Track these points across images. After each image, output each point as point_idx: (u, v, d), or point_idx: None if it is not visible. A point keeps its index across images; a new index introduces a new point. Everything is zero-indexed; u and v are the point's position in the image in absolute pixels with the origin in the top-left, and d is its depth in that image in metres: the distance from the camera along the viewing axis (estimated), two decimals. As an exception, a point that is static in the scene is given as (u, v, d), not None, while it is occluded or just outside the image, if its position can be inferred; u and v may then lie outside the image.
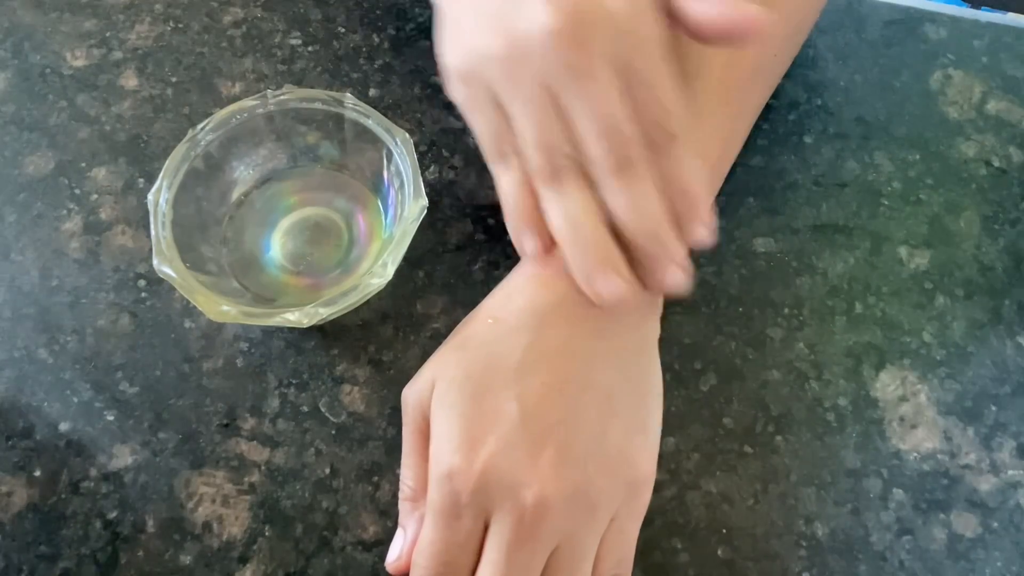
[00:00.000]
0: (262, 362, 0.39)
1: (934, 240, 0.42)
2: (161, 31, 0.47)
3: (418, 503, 0.34)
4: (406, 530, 0.34)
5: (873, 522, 0.36)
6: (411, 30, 0.47)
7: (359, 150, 0.40)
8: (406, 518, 0.34)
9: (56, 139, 0.44)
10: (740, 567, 0.36)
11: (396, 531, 0.35)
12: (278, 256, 0.40)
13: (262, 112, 0.39)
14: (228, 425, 0.38)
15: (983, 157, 0.44)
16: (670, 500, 0.37)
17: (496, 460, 0.31)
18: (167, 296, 0.40)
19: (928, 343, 0.40)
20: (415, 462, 0.34)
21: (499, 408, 0.32)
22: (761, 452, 0.38)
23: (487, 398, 0.33)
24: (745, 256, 0.42)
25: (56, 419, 0.38)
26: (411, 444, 0.35)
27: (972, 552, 0.36)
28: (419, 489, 0.34)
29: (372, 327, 0.40)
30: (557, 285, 0.34)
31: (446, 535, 0.32)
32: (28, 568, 0.35)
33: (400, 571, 0.34)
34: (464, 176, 0.43)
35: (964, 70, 0.47)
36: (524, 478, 0.31)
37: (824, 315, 0.40)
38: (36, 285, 0.40)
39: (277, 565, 0.35)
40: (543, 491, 0.31)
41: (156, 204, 0.37)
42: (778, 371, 0.39)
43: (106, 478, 0.37)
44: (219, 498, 0.36)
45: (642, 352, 0.36)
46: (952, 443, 0.38)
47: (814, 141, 0.44)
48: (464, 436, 0.32)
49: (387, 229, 0.40)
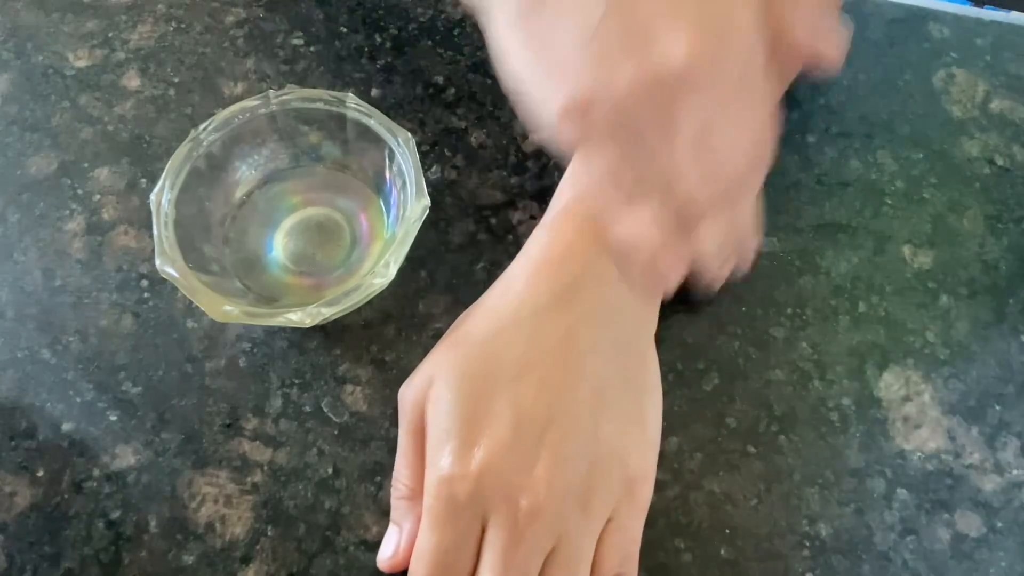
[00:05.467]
0: (264, 362, 0.39)
1: (938, 239, 0.42)
2: (163, 31, 0.47)
3: (414, 501, 0.34)
4: (401, 527, 0.34)
5: (877, 522, 0.36)
6: (413, 30, 0.47)
7: (361, 150, 0.40)
8: (401, 516, 0.34)
9: (59, 139, 0.44)
10: (743, 567, 0.35)
11: (389, 528, 0.35)
12: (280, 256, 0.40)
13: (264, 112, 0.39)
14: (231, 425, 0.38)
15: (987, 156, 0.44)
16: (673, 500, 0.36)
17: (492, 463, 0.31)
18: (169, 296, 0.40)
19: (932, 342, 0.40)
20: (411, 461, 0.34)
21: (494, 409, 0.32)
22: (764, 452, 0.37)
23: (483, 399, 0.33)
24: (748, 255, 0.41)
25: (59, 419, 0.38)
26: (407, 443, 0.35)
27: (976, 552, 0.36)
28: (415, 488, 0.34)
29: (374, 327, 0.40)
30: (555, 276, 0.34)
31: (444, 539, 0.32)
32: (31, 568, 0.35)
33: (394, 569, 0.34)
34: (466, 176, 0.43)
35: (967, 69, 0.46)
36: (519, 481, 0.31)
37: (827, 314, 0.40)
38: (39, 285, 0.40)
39: (280, 565, 0.35)
40: (537, 494, 0.31)
41: (158, 204, 0.37)
42: (781, 371, 0.39)
43: (109, 478, 0.37)
44: (222, 498, 0.36)
45: (638, 343, 0.36)
46: (956, 443, 0.38)
47: (817, 140, 0.44)
48: (460, 439, 0.32)
49: (389, 229, 0.40)
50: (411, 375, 0.36)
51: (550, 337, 0.34)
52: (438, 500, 0.32)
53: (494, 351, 0.34)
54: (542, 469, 0.32)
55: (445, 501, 0.32)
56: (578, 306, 0.34)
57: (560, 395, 0.33)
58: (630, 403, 0.35)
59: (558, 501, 0.31)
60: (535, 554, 0.31)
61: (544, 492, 0.31)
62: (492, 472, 0.31)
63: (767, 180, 0.42)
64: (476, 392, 0.33)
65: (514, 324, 0.34)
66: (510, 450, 0.32)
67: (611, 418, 0.33)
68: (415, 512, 0.34)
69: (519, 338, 0.34)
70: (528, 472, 0.31)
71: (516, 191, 0.43)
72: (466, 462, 0.32)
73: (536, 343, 0.33)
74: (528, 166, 0.43)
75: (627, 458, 0.34)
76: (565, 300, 0.34)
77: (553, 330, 0.34)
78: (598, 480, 0.32)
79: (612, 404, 0.34)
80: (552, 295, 0.34)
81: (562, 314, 0.34)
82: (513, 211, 0.42)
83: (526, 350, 0.33)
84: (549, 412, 0.32)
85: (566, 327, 0.34)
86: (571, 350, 0.33)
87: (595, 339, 0.34)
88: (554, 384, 0.33)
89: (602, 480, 0.33)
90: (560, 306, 0.34)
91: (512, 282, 0.35)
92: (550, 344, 0.33)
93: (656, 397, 0.36)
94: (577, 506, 0.32)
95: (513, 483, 0.31)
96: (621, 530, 0.33)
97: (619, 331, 0.35)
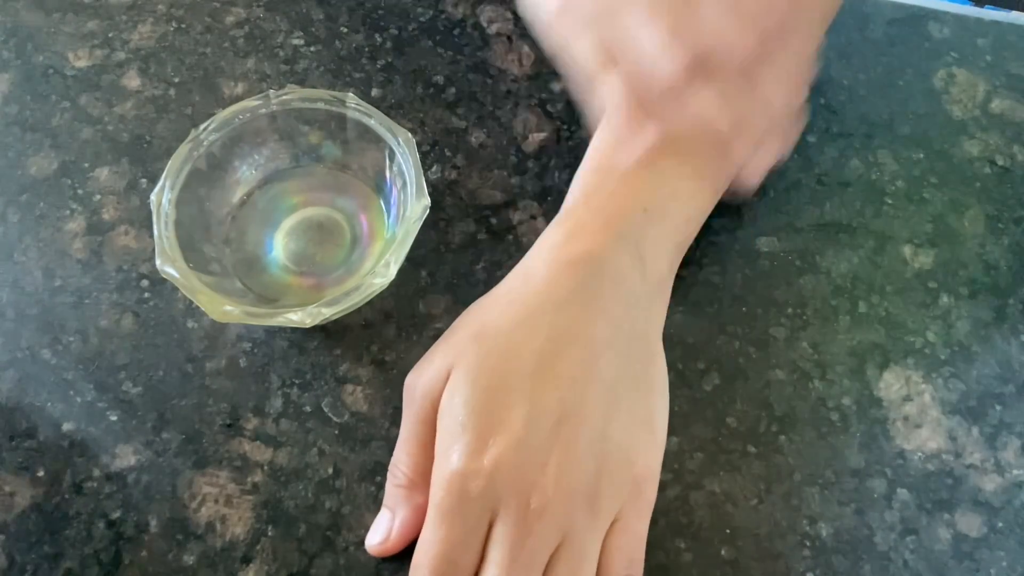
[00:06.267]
0: (265, 362, 0.39)
1: (938, 239, 0.42)
2: (164, 31, 0.47)
3: (411, 490, 0.34)
4: (394, 513, 0.34)
5: (877, 522, 0.36)
6: (413, 30, 0.47)
7: (361, 150, 0.40)
8: (395, 502, 0.34)
9: (59, 139, 0.44)
10: (744, 567, 0.35)
11: (380, 513, 0.35)
12: (281, 256, 0.40)
13: (265, 112, 0.40)
14: (231, 425, 0.38)
15: (987, 156, 0.44)
16: (673, 500, 0.36)
17: (505, 460, 0.31)
18: (170, 296, 0.40)
19: (932, 342, 0.40)
20: (414, 450, 0.34)
21: (510, 405, 0.32)
22: (765, 452, 0.37)
23: (500, 393, 0.32)
24: (748, 255, 0.41)
25: (59, 419, 0.38)
26: (413, 432, 0.35)
27: (977, 552, 0.36)
28: (414, 477, 0.34)
29: (375, 327, 0.40)
30: (576, 271, 0.34)
31: (452, 533, 0.32)
32: (31, 568, 0.35)
33: (383, 554, 0.34)
34: (467, 176, 0.43)
35: (968, 68, 0.46)
36: (531, 478, 0.31)
37: (828, 314, 0.40)
38: (39, 285, 0.40)
39: (280, 565, 0.35)
40: (546, 490, 0.31)
41: (159, 204, 0.37)
42: (782, 371, 0.39)
43: (109, 478, 0.37)
44: (222, 498, 0.36)
45: (649, 341, 0.36)
46: (956, 443, 0.38)
47: (817, 140, 0.44)
48: (475, 433, 0.32)
49: (390, 229, 0.40)
50: (420, 364, 0.36)
51: (568, 332, 0.33)
52: (449, 494, 0.32)
53: (514, 345, 0.33)
54: (553, 467, 0.32)
55: (456, 496, 0.32)
56: (596, 302, 0.34)
57: (573, 391, 0.33)
58: (639, 402, 0.35)
59: (566, 499, 0.31)
60: (541, 551, 0.31)
61: (553, 489, 0.31)
62: (505, 469, 0.31)
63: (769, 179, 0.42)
64: (494, 386, 0.33)
65: (534, 318, 0.34)
66: (523, 447, 0.32)
67: (621, 417, 0.33)
68: (411, 501, 0.34)
69: (538, 332, 0.33)
70: (540, 469, 0.31)
71: (516, 191, 0.43)
72: (480, 457, 0.32)
73: (554, 338, 0.33)
74: (528, 166, 0.43)
75: (635, 457, 0.33)
76: (584, 295, 0.34)
77: (572, 325, 0.33)
78: (606, 479, 0.32)
79: (622, 402, 0.34)
80: (572, 290, 0.34)
81: (582, 310, 0.34)
82: (513, 211, 0.42)
83: (544, 344, 0.33)
84: (562, 408, 0.32)
85: (584, 323, 0.34)
86: (588, 346, 0.33)
87: (611, 336, 0.34)
88: (569, 380, 0.33)
89: (610, 479, 0.33)
90: (579, 301, 0.34)
91: (532, 274, 0.35)
92: (568, 339, 0.33)
93: (663, 397, 0.36)
94: (584, 504, 0.32)
95: (525, 480, 0.31)
96: (627, 531, 0.33)
97: (632, 328, 0.35)
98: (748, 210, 0.42)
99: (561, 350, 0.33)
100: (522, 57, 0.46)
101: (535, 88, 0.45)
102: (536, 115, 0.45)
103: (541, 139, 0.44)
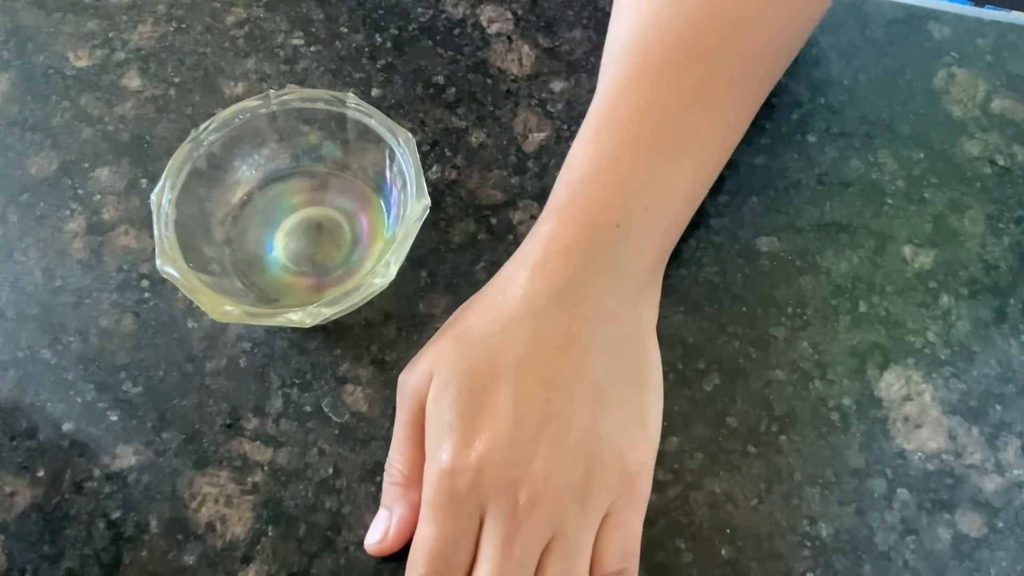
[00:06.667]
0: (265, 362, 0.39)
1: (938, 239, 0.42)
2: (164, 31, 0.47)
3: (407, 488, 0.34)
4: (392, 512, 0.34)
5: (877, 522, 0.36)
6: (413, 30, 0.47)
7: (362, 150, 0.40)
8: (392, 501, 0.34)
9: (59, 140, 0.44)
10: (744, 567, 0.35)
11: (379, 513, 0.35)
12: (281, 256, 0.40)
13: (265, 112, 0.40)
14: (231, 425, 0.38)
15: (987, 155, 0.44)
16: (674, 500, 0.36)
17: (491, 457, 0.32)
18: (170, 296, 0.40)
19: (932, 342, 0.40)
20: (408, 449, 0.35)
21: (495, 405, 0.33)
22: (765, 452, 0.37)
23: (484, 394, 0.33)
24: (748, 255, 0.41)
25: (59, 419, 0.38)
26: (404, 431, 0.35)
27: (977, 552, 0.36)
28: (408, 475, 0.34)
29: (375, 327, 0.40)
30: (556, 274, 0.34)
31: (443, 530, 0.32)
32: (32, 568, 0.35)
33: (381, 553, 0.34)
34: (467, 176, 0.43)
35: (968, 68, 0.46)
36: (518, 474, 0.32)
37: (828, 314, 0.40)
38: (39, 285, 0.40)
39: (280, 565, 0.35)
40: (535, 486, 0.31)
41: (159, 204, 0.37)
42: (782, 371, 0.39)
43: (109, 478, 0.37)
44: (222, 498, 0.36)
45: (639, 339, 0.36)
46: (957, 443, 0.38)
47: (817, 140, 0.44)
48: (461, 433, 0.32)
49: (390, 229, 0.40)
50: (411, 363, 0.36)
51: (551, 335, 0.34)
52: (438, 493, 0.32)
53: (496, 348, 0.34)
54: (540, 463, 0.32)
55: (445, 494, 0.32)
56: (578, 304, 0.34)
57: (560, 392, 0.33)
58: (630, 400, 0.35)
59: (556, 494, 0.32)
60: (533, 546, 0.32)
61: (542, 485, 0.32)
62: (491, 465, 0.32)
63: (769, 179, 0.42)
64: (478, 388, 0.33)
65: (515, 322, 0.34)
66: (510, 444, 0.32)
67: (611, 414, 0.34)
68: (407, 498, 0.34)
69: (520, 336, 0.34)
70: (527, 466, 0.32)
71: (516, 191, 0.43)
72: (466, 455, 0.32)
73: (537, 341, 0.34)
74: (528, 166, 0.43)
75: (626, 454, 0.34)
76: (566, 298, 0.34)
77: (554, 328, 0.34)
78: (596, 475, 0.33)
79: (612, 400, 0.34)
80: (553, 293, 0.34)
81: (563, 312, 0.34)
82: (513, 211, 0.42)
83: (527, 348, 0.34)
84: (549, 408, 0.33)
85: (566, 325, 0.34)
86: (571, 348, 0.34)
87: (595, 337, 0.34)
88: (555, 381, 0.33)
89: (600, 475, 0.33)
90: (561, 304, 0.34)
91: (513, 278, 0.36)
92: (551, 342, 0.34)
93: (657, 394, 0.36)
94: (575, 499, 0.32)
95: (512, 476, 0.32)
96: (621, 525, 0.33)
97: (619, 328, 0.35)
98: (748, 210, 0.42)
99: (544, 353, 0.34)
100: (522, 57, 0.46)
101: (535, 88, 0.45)
102: (536, 115, 0.45)
103: (541, 139, 0.44)
